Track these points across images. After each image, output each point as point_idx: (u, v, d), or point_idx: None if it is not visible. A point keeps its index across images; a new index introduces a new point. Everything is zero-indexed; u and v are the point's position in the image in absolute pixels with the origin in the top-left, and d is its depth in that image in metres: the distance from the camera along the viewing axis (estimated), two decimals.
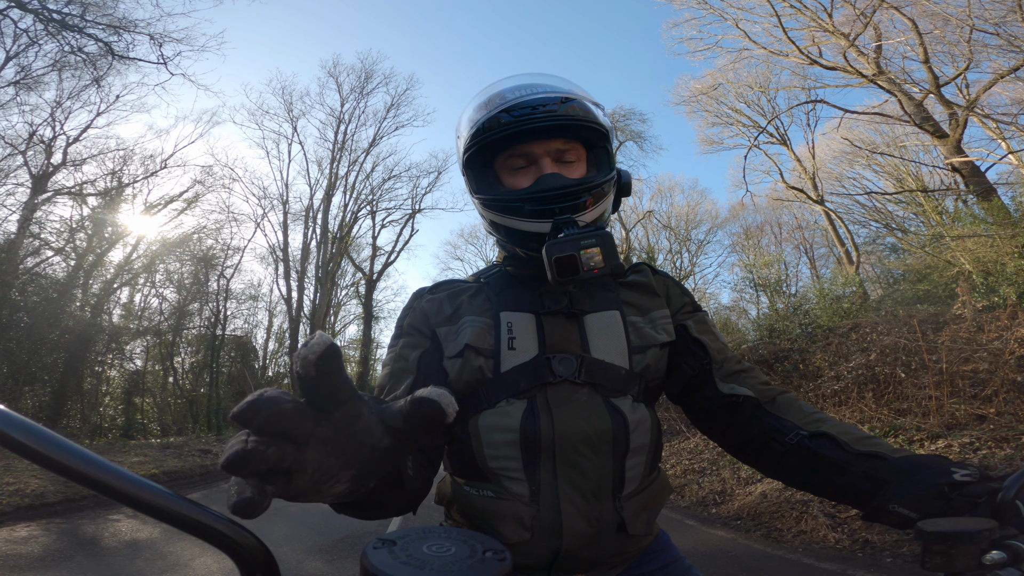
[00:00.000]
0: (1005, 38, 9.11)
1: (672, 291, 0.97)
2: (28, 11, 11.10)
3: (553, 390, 0.82)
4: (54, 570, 3.51)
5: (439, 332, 0.89)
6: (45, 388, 13.11)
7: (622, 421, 0.81)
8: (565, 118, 0.83)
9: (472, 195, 0.91)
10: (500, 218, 0.86)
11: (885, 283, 15.23)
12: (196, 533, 0.34)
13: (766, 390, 0.85)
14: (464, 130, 0.89)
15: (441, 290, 0.95)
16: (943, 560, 0.44)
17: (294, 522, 5.20)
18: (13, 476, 5.82)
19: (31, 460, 0.31)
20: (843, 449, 0.71)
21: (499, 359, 0.84)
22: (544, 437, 0.79)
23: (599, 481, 0.80)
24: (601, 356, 0.84)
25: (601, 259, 0.75)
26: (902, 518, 0.61)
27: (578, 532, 0.78)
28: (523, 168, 0.86)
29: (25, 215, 14.31)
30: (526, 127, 0.82)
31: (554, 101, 0.84)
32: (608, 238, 0.76)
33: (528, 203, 0.82)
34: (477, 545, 0.36)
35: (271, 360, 25.90)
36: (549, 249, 0.76)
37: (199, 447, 10.45)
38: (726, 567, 3.81)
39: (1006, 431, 4.68)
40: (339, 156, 25.62)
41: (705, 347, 0.90)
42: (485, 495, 0.81)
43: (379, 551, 0.34)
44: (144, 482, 0.33)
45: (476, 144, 0.85)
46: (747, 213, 25.10)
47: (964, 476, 0.59)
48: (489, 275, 0.96)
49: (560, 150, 0.86)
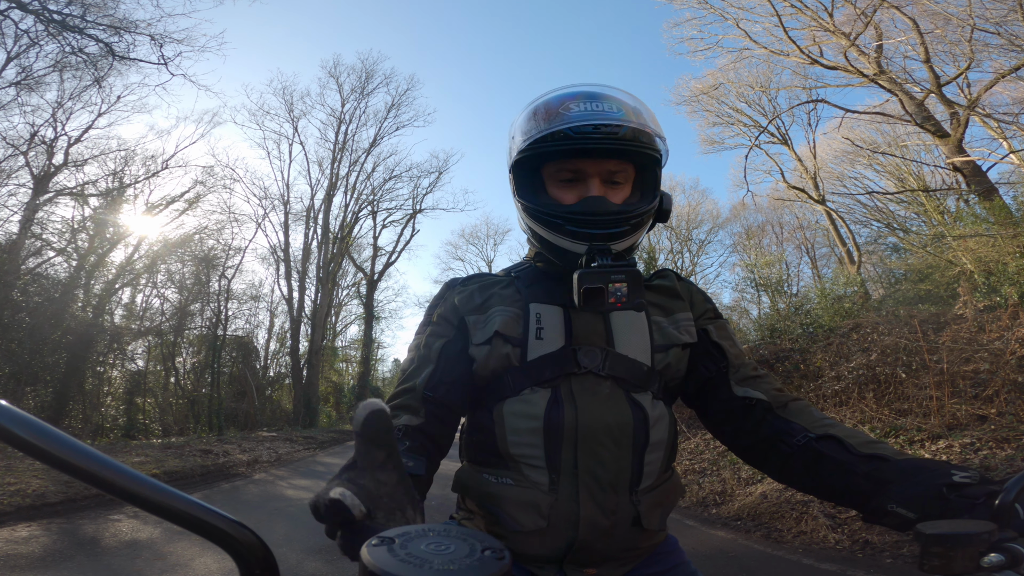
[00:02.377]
0: (1006, 37, 9.10)
1: (696, 297, 1.00)
2: (29, 12, 11.10)
3: (577, 381, 0.84)
4: (55, 570, 3.52)
5: (468, 320, 0.91)
6: (47, 388, 13.12)
7: (643, 416, 0.83)
8: (624, 143, 0.84)
9: (516, 198, 0.92)
10: (539, 228, 0.88)
11: (887, 283, 15.21)
12: (196, 530, 0.34)
13: (779, 396, 0.86)
14: (519, 133, 0.90)
15: (473, 282, 0.97)
16: (942, 562, 0.44)
17: (294, 522, 5.20)
18: (14, 476, 5.83)
19: (30, 455, 0.31)
20: (848, 451, 0.72)
21: (526, 348, 0.86)
22: (567, 426, 0.81)
23: (618, 473, 0.81)
24: (625, 351, 0.87)
25: (626, 294, 0.78)
26: (901, 518, 0.62)
27: (594, 523, 0.80)
28: (571, 182, 0.87)
29: (27, 215, 14.31)
30: (585, 146, 0.83)
31: (617, 123, 0.83)
32: (637, 276, 0.78)
33: (569, 223, 0.84)
34: (476, 543, 0.36)
35: (272, 360, 25.94)
36: (581, 278, 0.78)
37: (200, 447, 10.45)
38: (726, 567, 3.81)
39: (1007, 431, 4.68)
40: (340, 156, 25.67)
41: (724, 351, 0.92)
42: (504, 482, 0.83)
43: (378, 548, 0.34)
44: (144, 478, 0.33)
45: (530, 152, 0.86)
46: (748, 213, 25.11)
47: (963, 478, 0.59)
48: (520, 270, 0.99)
49: (612, 171, 0.87)
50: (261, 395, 21.94)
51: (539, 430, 0.82)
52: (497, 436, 0.84)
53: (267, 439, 13.79)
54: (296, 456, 11.89)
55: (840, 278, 15.05)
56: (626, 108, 0.85)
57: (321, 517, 0.47)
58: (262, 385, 22.96)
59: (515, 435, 0.83)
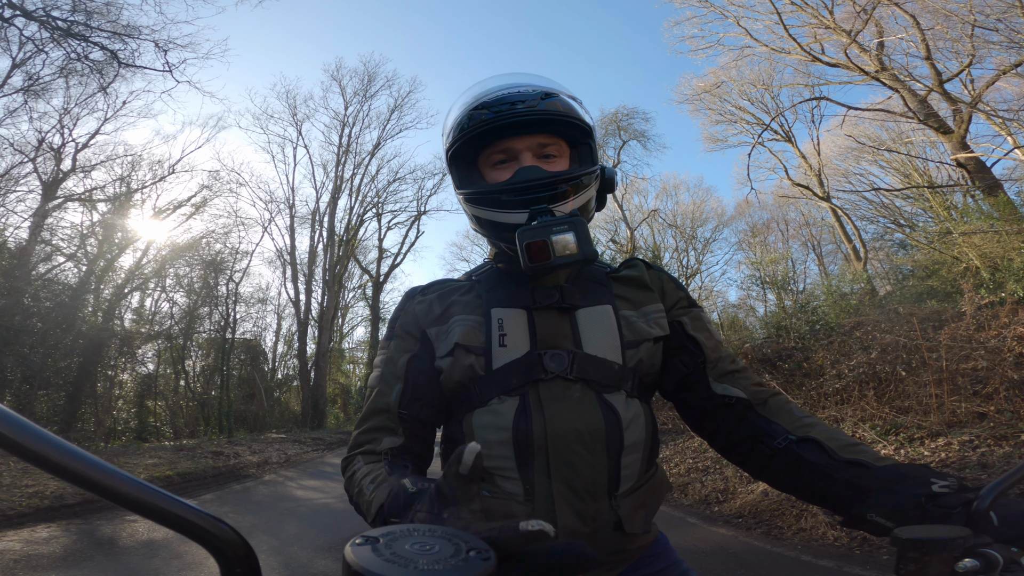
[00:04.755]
0: (1006, 34, 9.08)
1: (667, 286, 0.96)
2: (33, 19, 11.19)
3: (545, 386, 0.81)
4: (76, 569, 3.64)
5: (429, 333, 0.89)
6: (59, 392, 13.31)
7: (615, 418, 0.80)
8: (544, 113, 0.84)
9: (456, 191, 0.91)
10: (481, 211, 0.87)
11: (894, 279, 15.14)
12: (175, 527, 0.33)
13: (759, 392, 0.85)
14: (448, 128, 0.91)
15: (432, 290, 0.95)
16: (917, 567, 0.44)
17: (304, 522, 5.32)
18: (32, 479, 5.99)
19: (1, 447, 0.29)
20: (828, 455, 0.72)
21: (490, 356, 0.83)
22: (536, 436, 0.79)
23: (593, 479, 0.79)
24: (594, 351, 0.84)
25: (575, 246, 0.75)
26: (879, 527, 0.62)
27: (574, 531, 0.78)
28: (504, 163, 0.87)
29: (36, 221, 14.52)
30: (505, 122, 0.83)
31: (534, 97, 0.85)
32: (581, 224, 0.77)
33: (506, 194, 0.83)
34: (461, 544, 0.35)
35: (280, 363, 26.19)
36: (521, 235, 0.77)
37: (211, 449, 10.61)
38: (726, 564, 3.87)
39: (1005, 429, 4.71)
40: (344, 159, 25.86)
41: (700, 345, 0.90)
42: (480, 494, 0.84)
43: (362, 548, 0.33)
44: (123, 475, 0.32)
45: (458, 141, 0.87)
46: (753, 210, 25.07)
47: (942, 487, 0.59)
48: (480, 273, 0.97)
49: (542, 144, 0.87)
50: (270, 397, 22.15)
51: (508, 442, 0.80)
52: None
53: (276, 441, 13.97)
54: (305, 457, 12.04)
55: (847, 275, 15.01)
56: (540, 84, 0.89)
57: (520, 549, 0.41)
58: (270, 387, 23.18)
59: (485, 447, 0.80)
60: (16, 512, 5.02)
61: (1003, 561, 0.45)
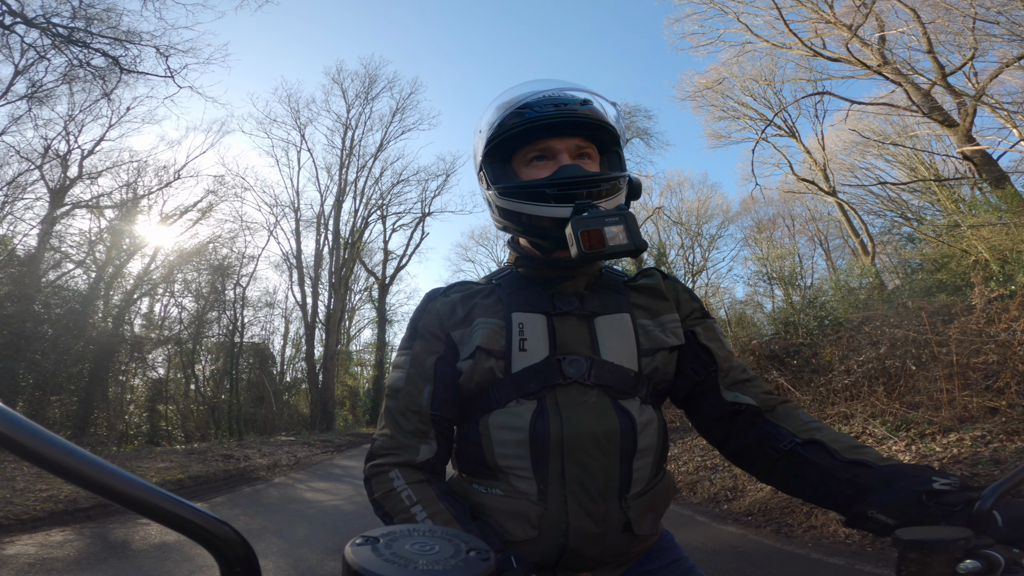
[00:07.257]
0: (1007, 27, 8.99)
1: (682, 296, 0.99)
2: (34, 26, 11.21)
3: (563, 391, 0.84)
4: (89, 573, 3.69)
5: (454, 335, 0.90)
6: (72, 398, 13.45)
7: (630, 423, 0.83)
8: (585, 117, 0.88)
9: (489, 188, 0.91)
10: (521, 206, 0.86)
11: (903, 273, 15.03)
12: (174, 527, 0.33)
13: (768, 399, 0.87)
14: (485, 126, 0.92)
15: (455, 292, 0.95)
16: (918, 568, 0.44)
17: (313, 524, 5.35)
18: (46, 483, 6.07)
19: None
20: (832, 456, 0.73)
21: (510, 360, 0.85)
22: (553, 437, 0.81)
23: (606, 481, 0.81)
24: (611, 358, 0.86)
25: (625, 238, 0.76)
26: (880, 524, 0.63)
27: (584, 531, 0.80)
28: (542, 160, 0.89)
29: (45, 229, 14.62)
30: (549, 121, 0.86)
31: (576, 101, 0.88)
32: (632, 218, 0.78)
33: (551, 188, 0.84)
34: (461, 544, 0.36)
35: (288, 366, 26.37)
36: (576, 224, 0.78)
37: (222, 452, 10.70)
38: (736, 562, 3.86)
39: (1017, 424, 4.66)
40: (348, 162, 25.95)
41: (712, 354, 0.92)
42: (493, 493, 0.84)
43: (362, 548, 0.33)
44: (123, 474, 0.32)
45: (499, 137, 0.89)
46: (759, 206, 24.95)
47: (943, 485, 0.59)
48: (501, 276, 0.98)
49: (579, 146, 0.89)
50: (278, 400, 22.30)
51: (525, 442, 0.82)
52: (484, 448, 0.85)
53: (285, 443, 14.05)
54: (314, 459, 12.10)
55: (855, 269, 14.94)
56: (582, 90, 0.92)
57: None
58: (279, 390, 23.34)
59: (502, 447, 0.83)
60: (31, 516, 5.09)
61: (1004, 562, 0.45)
